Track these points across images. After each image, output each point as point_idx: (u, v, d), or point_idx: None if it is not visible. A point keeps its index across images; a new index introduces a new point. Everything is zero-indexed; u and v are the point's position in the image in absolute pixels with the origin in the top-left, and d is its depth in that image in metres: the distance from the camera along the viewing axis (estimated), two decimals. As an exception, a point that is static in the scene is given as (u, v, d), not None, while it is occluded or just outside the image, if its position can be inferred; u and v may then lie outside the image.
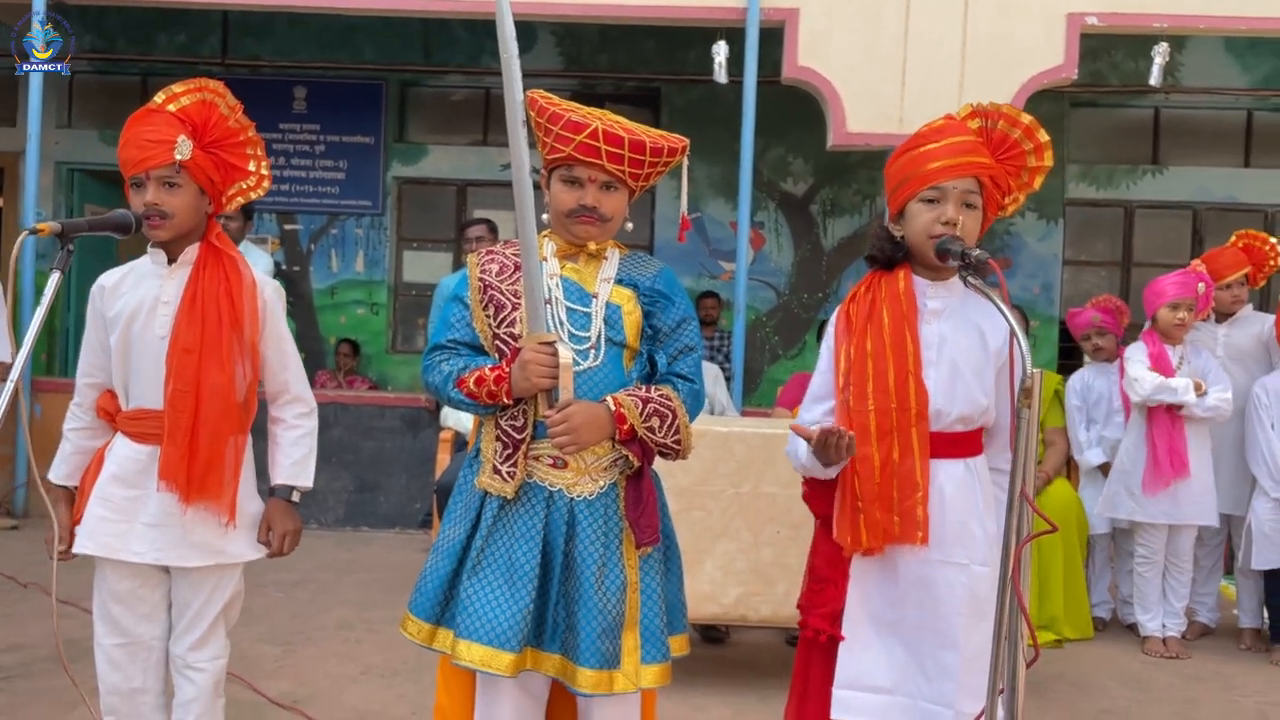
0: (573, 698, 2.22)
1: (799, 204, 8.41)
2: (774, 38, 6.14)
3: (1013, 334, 1.76)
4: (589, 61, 8.55)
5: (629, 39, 8.26)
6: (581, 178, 2.13)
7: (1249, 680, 4.06)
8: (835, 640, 2.11)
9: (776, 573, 3.56)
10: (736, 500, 3.58)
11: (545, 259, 2.13)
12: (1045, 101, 6.85)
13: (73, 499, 2.41)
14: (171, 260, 2.36)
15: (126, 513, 2.29)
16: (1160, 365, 4.29)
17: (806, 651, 2.19)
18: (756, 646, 4.22)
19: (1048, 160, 2.09)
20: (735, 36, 6.13)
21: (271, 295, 2.44)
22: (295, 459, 2.44)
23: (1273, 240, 4.83)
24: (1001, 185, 2.06)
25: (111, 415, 2.38)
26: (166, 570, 2.36)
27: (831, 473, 2.12)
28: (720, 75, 6.20)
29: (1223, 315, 4.71)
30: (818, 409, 2.20)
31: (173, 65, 8.68)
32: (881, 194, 8.11)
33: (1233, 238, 4.88)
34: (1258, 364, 4.61)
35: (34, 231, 2.02)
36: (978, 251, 1.86)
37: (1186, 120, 8.56)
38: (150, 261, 2.39)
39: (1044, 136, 2.09)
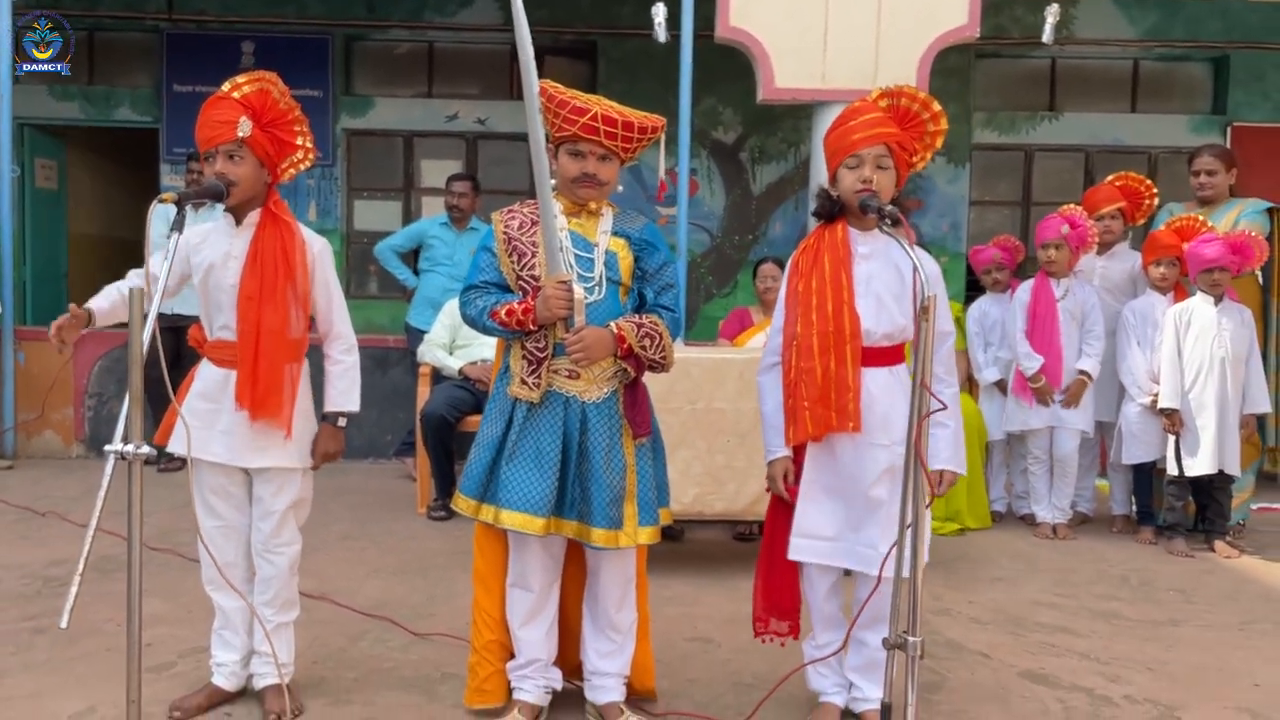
0: (582, 562, 2.86)
1: (729, 152, 9.00)
2: (707, -1, 6.67)
3: (915, 269, 2.39)
4: (527, 16, 8.96)
5: (566, -6, 8.71)
6: (584, 151, 2.70)
7: (1118, 555, 4.87)
8: (790, 502, 2.76)
9: (727, 475, 4.22)
10: (693, 415, 4.21)
11: (556, 216, 2.70)
12: (952, 54, 7.48)
13: (86, 316, 2.74)
14: (239, 222, 2.85)
15: (207, 421, 2.79)
16: (1042, 297, 5.06)
17: (774, 511, 2.85)
18: (708, 542, 4.91)
19: (943, 125, 2.72)
20: (671, -1, 6.65)
21: (320, 250, 2.93)
22: (341, 389, 2.95)
23: (1148, 181, 5.60)
24: (907, 148, 2.70)
25: (199, 344, 2.90)
26: (246, 472, 2.89)
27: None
28: (660, 35, 6.72)
29: (1103, 248, 5.46)
30: (778, 339, 2.83)
31: (118, 20, 8.90)
32: (805, 141, 8.79)
33: (1110, 177, 5.64)
34: (1126, 295, 5.40)
35: (161, 200, 2.50)
36: (890, 207, 2.48)
37: (1080, 69, 9.33)
38: (223, 220, 2.88)
39: (937, 107, 2.72)
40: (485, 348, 5.53)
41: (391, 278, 6.75)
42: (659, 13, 6.67)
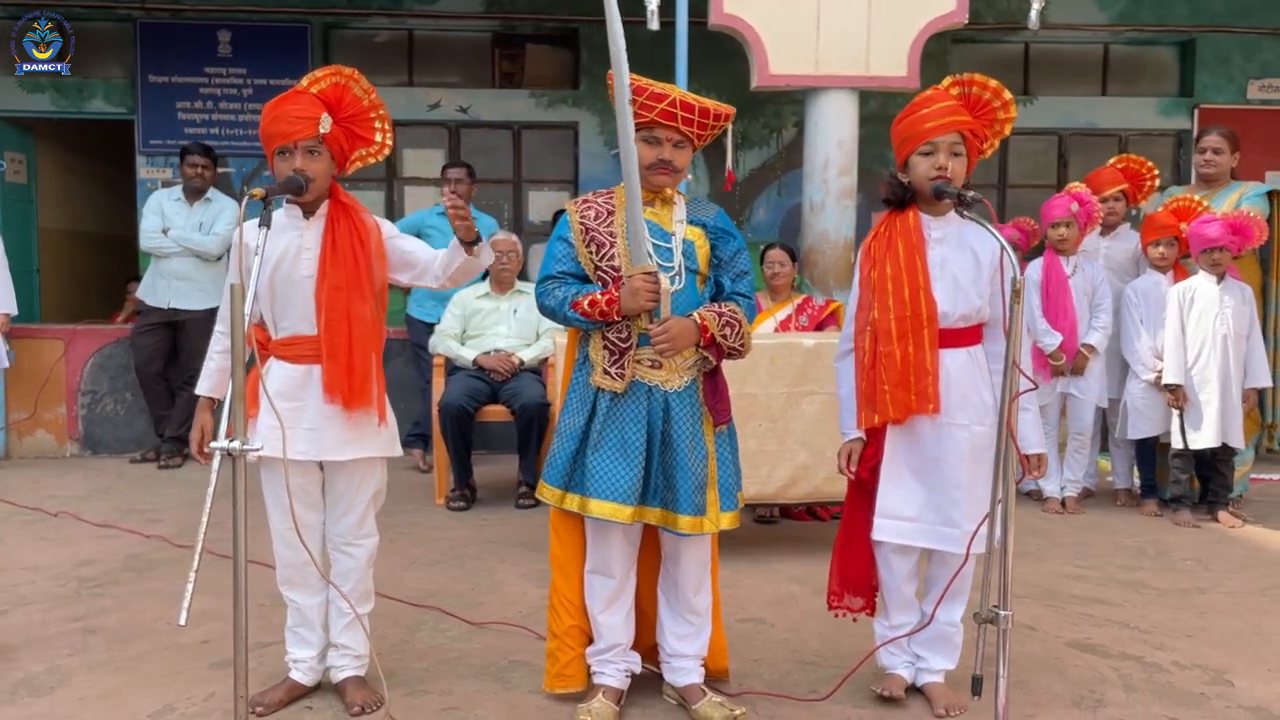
0: (654, 547, 2.90)
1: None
2: (697, -16, 6.69)
3: (1003, 250, 2.46)
4: (509, 3, 8.93)
5: (548, -20, 8.67)
6: (661, 138, 2.73)
7: (1128, 527, 5.03)
8: (870, 484, 2.83)
9: (759, 459, 4.28)
10: (725, 400, 4.26)
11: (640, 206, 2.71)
12: (931, 40, 7.60)
13: (214, 407, 2.82)
14: (308, 214, 2.84)
15: (289, 420, 2.75)
16: (1054, 275, 5.20)
17: (853, 493, 2.92)
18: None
19: (1013, 113, 2.79)
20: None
21: (388, 230, 2.93)
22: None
23: (1149, 163, 5.76)
24: (979, 135, 2.76)
25: (263, 344, 2.87)
26: (321, 467, 2.89)
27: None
28: (653, 23, 6.72)
29: (1107, 229, 5.62)
30: (852, 325, 2.90)
31: (89, 10, 8.69)
32: (786, 127, 8.87)
33: (1112, 160, 5.80)
34: (1130, 275, 5.56)
35: (251, 195, 2.49)
36: (971, 193, 2.55)
37: (1053, 54, 9.49)
38: (285, 215, 2.84)
39: (1008, 95, 2.78)
40: (497, 338, 5.54)
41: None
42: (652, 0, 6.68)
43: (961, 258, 2.75)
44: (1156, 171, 5.68)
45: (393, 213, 8.92)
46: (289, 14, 8.69)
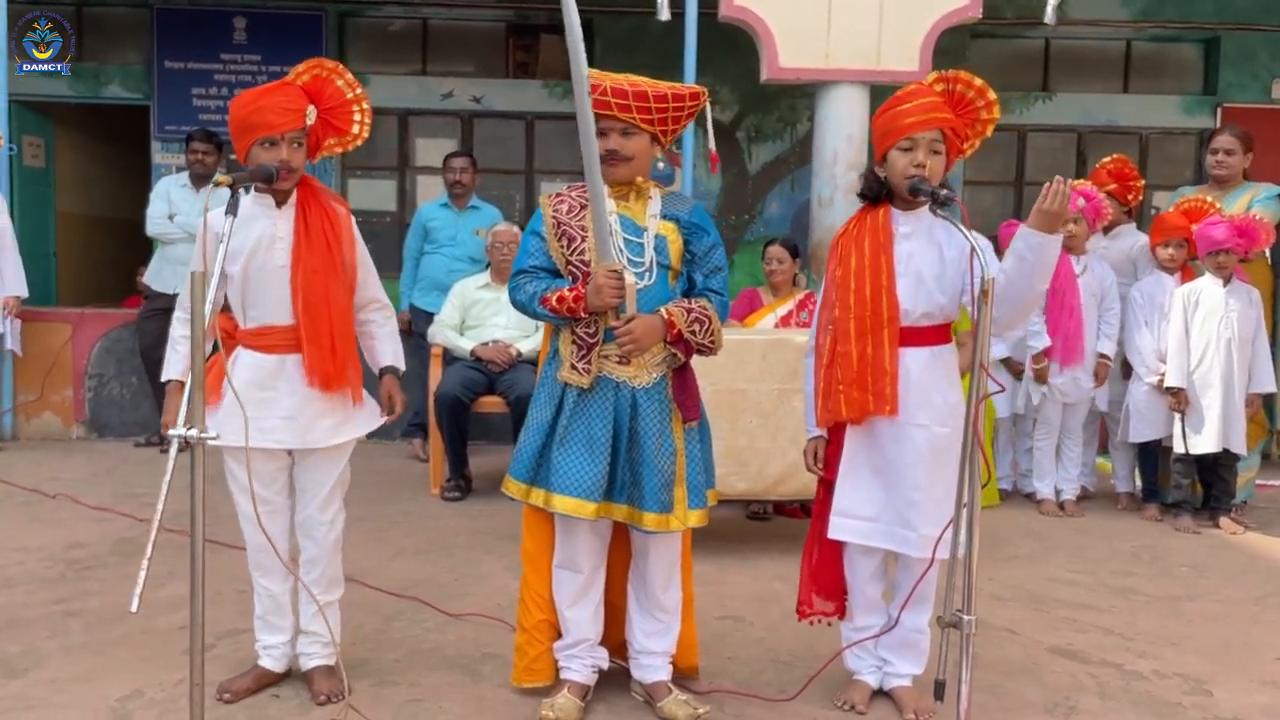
0: (625, 542, 2.88)
1: (725, 131, 8.98)
2: (710, -24, 6.65)
3: (973, 250, 2.42)
4: (523, -7, 8.92)
5: (562, -28, 8.62)
6: (604, 129, 2.68)
7: (1127, 531, 4.96)
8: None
9: (749, 455, 4.25)
10: (715, 396, 4.22)
11: (605, 202, 2.69)
12: (948, 35, 7.51)
13: (183, 390, 2.83)
14: (280, 203, 2.83)
15: (263, 410, 2.75)
16: (1062, 272, 5.12)
17: (823, 494, 2.89)
18: (724, 521, 4.93)
19: (996, 113, 2.75)
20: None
21: (352, 222, 2.95)
22: (392, 349, 3.02)
23: (1134, 166, 5.70)
24: (960, 134, 2.72)
25: (229, 333, 2.87)
26: (290, 454, 2.89)
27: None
28: (664, 13, 6.70)
29: (1107, 227, 5.54)
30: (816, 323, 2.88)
31: (108, -4, 8.76)
32: (801, 121, 8.80)
33: (1103, 160, 5.73)
34: (1127, 275, 5.49)
35: (217, 184, 2.49)
36: (945, 191, 2.51)
37: (1073, 50, 9.37)
38: (255, 204, 2.83)
39: (992, 95, 2.74)
40: (495, 329, 5.54)
41: (390, 259, 6.72)
42: (664, -9, 6.64)
43: (928, 254, 2.71)
44: (1139, 172, 5.64)
45: (404, 201, 8.96)
46: (304, 1, 8.71)
